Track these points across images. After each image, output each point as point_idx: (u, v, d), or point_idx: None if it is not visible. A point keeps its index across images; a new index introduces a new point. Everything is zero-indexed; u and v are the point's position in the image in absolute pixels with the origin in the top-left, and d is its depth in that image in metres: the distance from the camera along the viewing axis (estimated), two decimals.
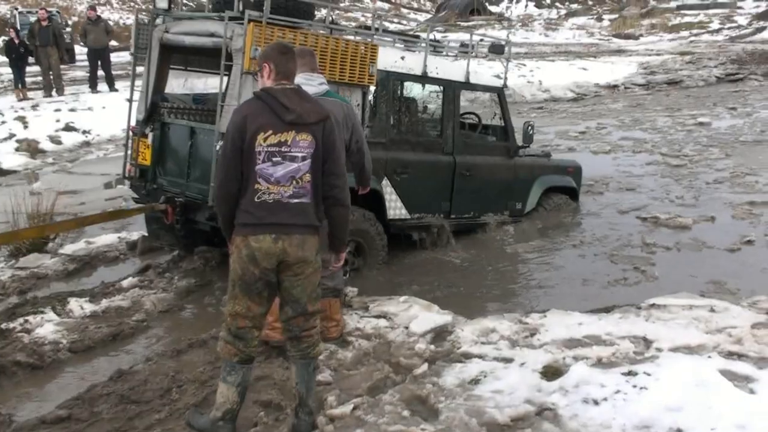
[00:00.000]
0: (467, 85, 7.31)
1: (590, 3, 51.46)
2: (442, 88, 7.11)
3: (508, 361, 4.54)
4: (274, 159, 3.63)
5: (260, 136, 3.60)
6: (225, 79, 5.63)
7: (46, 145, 14.57)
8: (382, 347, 4.92)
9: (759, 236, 7.54)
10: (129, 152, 6.67)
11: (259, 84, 3.81)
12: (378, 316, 5.36)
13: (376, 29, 6.70)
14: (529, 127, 7.69)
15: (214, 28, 5.81)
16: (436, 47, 7.48)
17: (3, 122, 15.20)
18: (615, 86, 22.70)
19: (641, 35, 37.49)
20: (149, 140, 6.46)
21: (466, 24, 37.30)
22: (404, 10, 50.60)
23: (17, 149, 14.03)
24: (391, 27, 38.97)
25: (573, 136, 13.47)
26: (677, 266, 6.70)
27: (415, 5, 51.88)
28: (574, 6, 51.56)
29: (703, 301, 5.39)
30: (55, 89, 17.96)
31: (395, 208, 6.73)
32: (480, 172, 7.41)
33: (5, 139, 14.41)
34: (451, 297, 6.08)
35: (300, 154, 3.68)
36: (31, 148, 14.25)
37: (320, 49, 5.72)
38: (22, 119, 15.42)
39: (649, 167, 10.52)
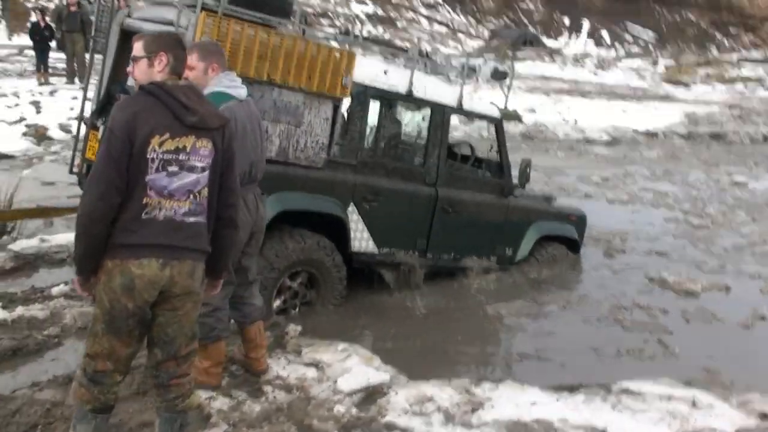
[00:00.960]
0: (459, 111, 6.61)
1: (650, 47, 50.38)
2: (429, 110, 6.42)
3: None
4: (169, 168, 2.99)
5: (155, 139, 2.96)
6: None
7: (54, 132, 14.14)
8: (299, 403, 4.22)
9: None
10: (79, 146, 6.10)
11: (136, 74, 3.15)
12: (309, 364, 4.67)
13: (356, 36, 6.03)
14: (527, 166, 6.95)
15: (171, 16, 5.21)
16: (427, 65, 6.78)
17: (17, 105, 14.91)
18: (654, 134, 21.78)
19: (693, 83, 36.35)
20: (100, 134, 5.86)
21: (513, 54, 36.57)
22: (460, 35, 50.03)
23: (24, 134, 13.63)
24: (446, 50, 38.64)
25: (595, 181, 12.64)
26: (670, 340, 5.87)
27: (473, 32, 51.36)
28: (635, 49, 50.49)
29: (686, 391, 4.60)
30: (77, 76, 17.66)
31: (361, 239, 6.04)
32: (465, 209, 6.69)
33: (15, 122, 14.06)
34: (402, 350, 5.36)
35: (200, 164, 3.06)
36: (38, 134, 13.83)
37: (286, 51, 5.10)
38: (36, 104, 15.11)
39: (667, 224, 9.67)
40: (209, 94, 3.84)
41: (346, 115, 5.89)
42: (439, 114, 6.41)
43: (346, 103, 5.83)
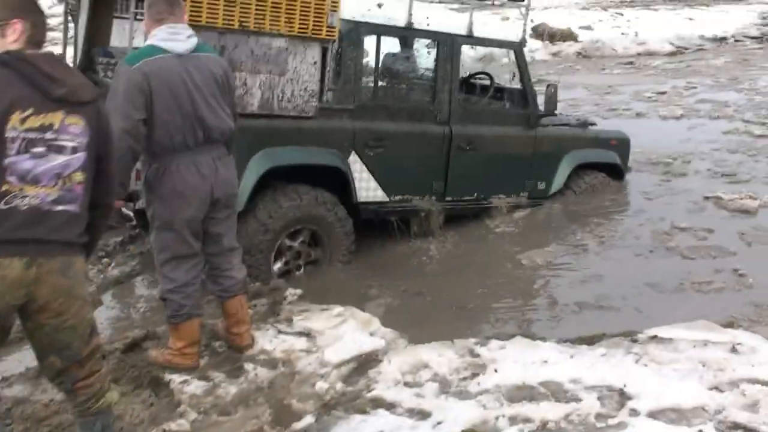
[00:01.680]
0: (470, 40, 5.99)
1: None
2: (434, 42, 5.82)
3: (423, 416, 3.40)
4: (33, 149, 2.55)
5: (15, 116, 2.51)
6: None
7: None
8: (282, 380, 3.85)
9: None
10: None
11: None
12: (300, 334, 4.28)
13: None
14: (552, 90, 6.29)
15: None
16: None
17: None
18: (723, 39, 20.28)
19: None
20: None
21: None
22: None
23: None
24: None
25: (649, 97, 11.68)
26: (717, 272, 5.23)
27: None
28: None
29: (726, 334, 4.01)
30: None
31: (368, 189, 5.57)
32: (486, 145, 6.11)
33: None
34: (409, 308, 4.91)
35: (70, 144, 2.62)
36: None
37: None
38: None
39: (725, 137, 8.76)
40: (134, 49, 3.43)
41: (338, 56, 5.37)
42: (447, 45, 5.81)
43: (338, 44, 5.30)
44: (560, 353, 3.89)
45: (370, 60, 5.64)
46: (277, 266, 5.24)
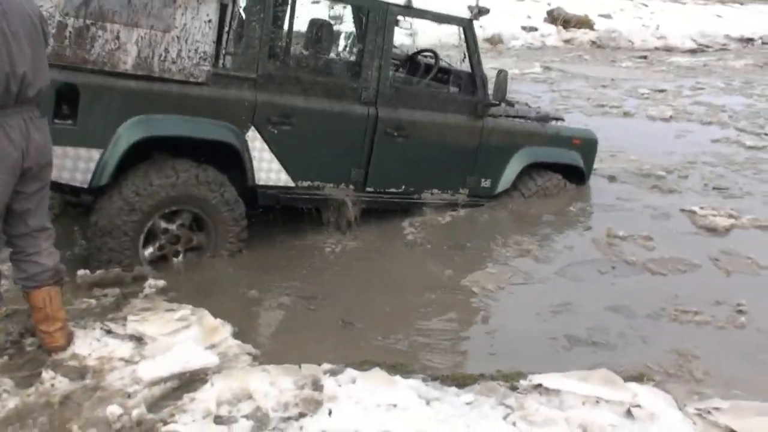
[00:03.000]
0: (408, 11, 5.24)
1: None
2: (365, 10, 5.08)
3: None
4: None
5: None
6: None
7: None
8: (82, 396, 3.19)
9: None
10: None
11: None
12: (129, 338, 3.62)
13: None
14: (502, 77, 5.54)
15: None
16: None
17: None
18: (750, 40, 19.23)
19: None
20: None
21: None
22: None
23: None
24: None
25: (643, 94, 10.84)
26: (654, 301, 4.50)
27: None
28: None
29: (627, 391, 3.28)
30: None
31: (269, 170, 4.88)
32: (421, 133, 5.39)
33: None
34: (284, 317, 4.23)
35: None
36: None
37: None
38: None
39: (714, 145, 7.94)
40: None
41: (240, 15, 4.65)
42: (378, 14, 5.07)
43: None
44: (419, 396, 3.19)
45: (281, 22, 4.92)
46: (149, 251, 4.57)
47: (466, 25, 5.51)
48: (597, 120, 8.33)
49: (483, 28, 16.85)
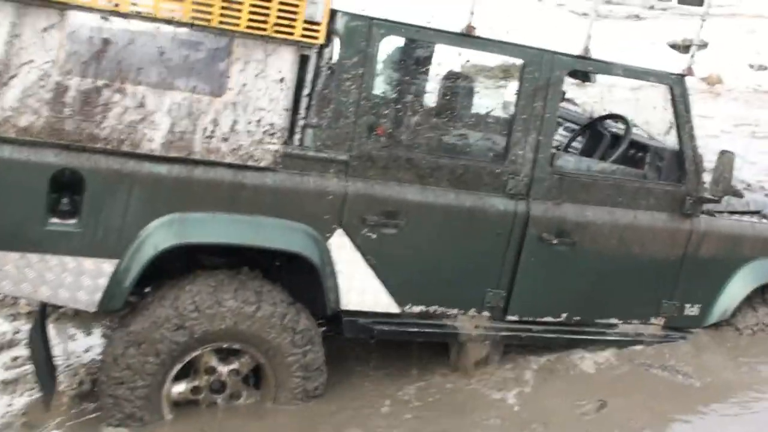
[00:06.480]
0: (580, 61, 3.57)
1: None
2: (521, 62, 3.47)
3: None
4: None
5: None
6: None
7: None
8: None
9: None
10: None
11: None
12: None
13: None
14: (727, 161, 3.71)
15: None
16: None
17: None
18: None
19: None
20: None
21: None
22: None
23: None
24: None
25: None
26: None
27: None
28: None
29: None
30: None
31: (361, 291, 3.41)
32: (594, 239, 3.70)
33: None
34: None
35: None
36: None
37: None
38: None
39: None
40: None
41: (327, 72, 3.25)
42: (536, 67, 3.47)
43: (329, 51, 3.22)
44: None
45: (386, 81, 3.45)
46: (179, 389, 3.27)
47: (676, 83, 3.75)
48: None
49: (697, 65, 14.33)
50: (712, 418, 3.46)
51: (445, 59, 3.89)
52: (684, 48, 3.91)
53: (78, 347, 3.74)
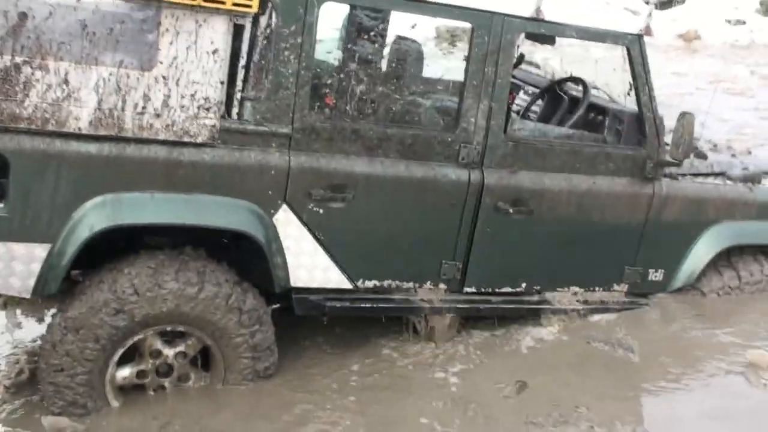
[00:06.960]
0: (532, 24, 3.43)
1: None
2: (470, 26, 3.33)
3: None
4: None
5: None
6: None
7: None
8: None
9: None
10: None
11: None
12: None
13: None
14: (688, 122, 3.60)
15: None
16: None
17: None
18: None
19: None
20: None
21: None
22: None
23: None
24: None
25: None
26: None
27: None
28: None
29: None
30: None
31: (311, 267, 3.30)
32: (552, 207, 3.60)
33: None
34: None
35: None
36: None
37: None
38: None
39: None
40: None
41: (264, 41, 3.11)
42: (489, 31, 3.33)
43: (265, 18, 3.08)
44: None
45: (330, 49, 3.31)
46: (124, 374, 3.19)
47: (633, 43, 3.61)
48: None
49: (675, 21, 14.19)
50: (630, 395, 3.36)
51: (392, 25, 3.73)
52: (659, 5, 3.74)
53: (26, 335, 3.63)
